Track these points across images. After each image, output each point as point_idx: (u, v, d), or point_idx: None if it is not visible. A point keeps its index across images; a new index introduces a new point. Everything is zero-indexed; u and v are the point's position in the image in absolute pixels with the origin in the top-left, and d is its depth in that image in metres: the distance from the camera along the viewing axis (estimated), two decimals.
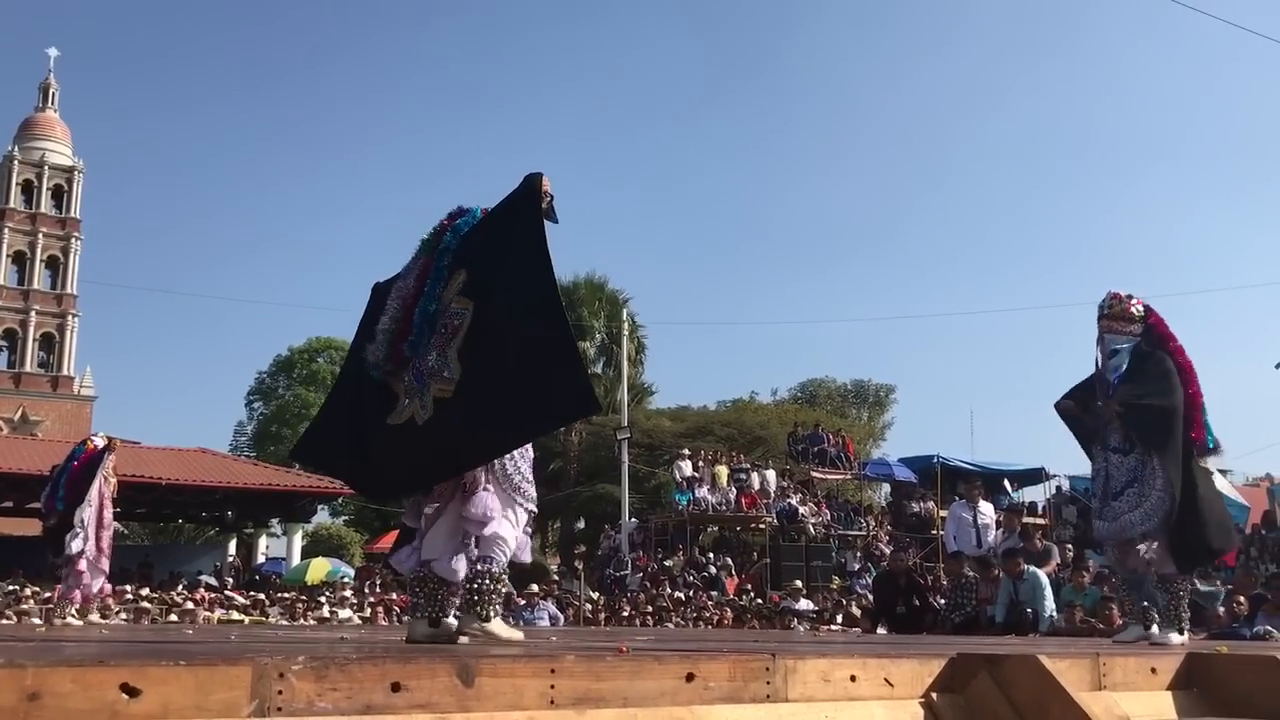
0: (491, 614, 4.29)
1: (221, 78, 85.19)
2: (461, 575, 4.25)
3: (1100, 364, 6.17)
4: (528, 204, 4.25)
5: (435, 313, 4.28)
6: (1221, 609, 10.67)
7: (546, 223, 4.22)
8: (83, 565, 10.09)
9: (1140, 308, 6.19)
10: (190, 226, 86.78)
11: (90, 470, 10.15)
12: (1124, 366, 6.05)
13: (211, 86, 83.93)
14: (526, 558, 4.59)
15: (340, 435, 4.73)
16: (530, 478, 4.42)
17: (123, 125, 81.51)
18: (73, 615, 10.31)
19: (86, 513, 10.03)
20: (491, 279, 4.24)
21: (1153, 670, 3.81)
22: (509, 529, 4.32)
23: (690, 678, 2.90)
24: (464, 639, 4.21)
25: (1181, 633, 5.92)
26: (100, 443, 10.53)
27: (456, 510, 4.32)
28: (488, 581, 4.29)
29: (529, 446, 4.42)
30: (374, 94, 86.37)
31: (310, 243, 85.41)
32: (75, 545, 9.93)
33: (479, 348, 4.16)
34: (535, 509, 4.46)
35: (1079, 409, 6.37)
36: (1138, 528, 5.86)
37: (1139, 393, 5.95)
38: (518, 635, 4.51)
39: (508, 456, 4.30)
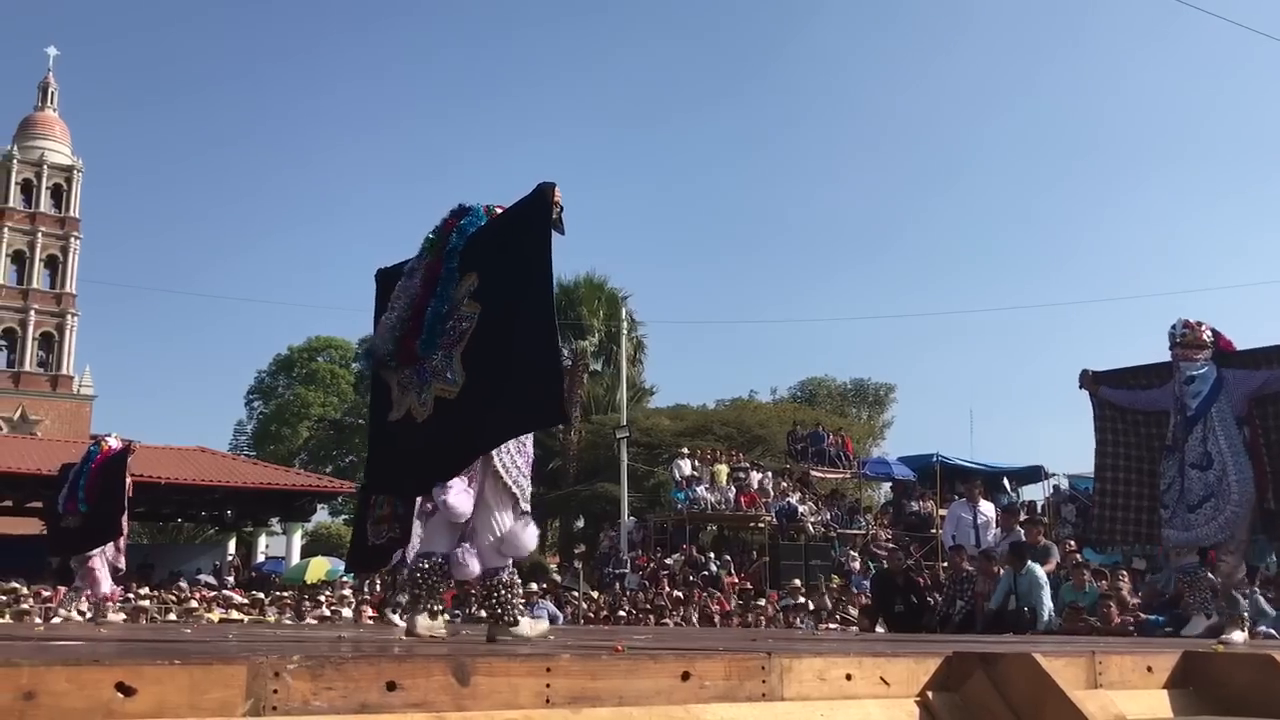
0: (516, 617, 4.34)
1: (216, 74, 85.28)
2: (478, 571, 4.27)
3: (1178, 390, 6.54)
4: (538, 215, 4.26)
5: (446, 314, 4.33)
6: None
7: (554, 233, 4.25)
8: (97, 564, 10.14)
9: (1209, 333, 6.60)
10: (188, 225, 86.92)
11: (113, 472, 10.20)
12: (1204, 393, 6.42)
13: (207, 83, 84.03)
14: (531, 544, 4.61)
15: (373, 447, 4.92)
16: (526, 474, 4.43)
17: (119, 123, 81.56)
18: (78, 612, 10.33)
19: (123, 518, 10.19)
20: (499, 287, 4.30)
21: (1149, 669, 3.81)
22: (507, 527, 4.35)
23: (686, 676, 2.90)
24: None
25: (1243, 629, 6.31)
26: (115, 444, 10.59)
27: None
28: (506, 590, 4.32)
29: (528, 446, 4.43)
30: (373, 89, 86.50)
31: (309, 241, 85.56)
32: (110, 549, 10.06)
33: (481, 355, 4.24)
34: (528, 506, 4.48)
35: (1122, 402, 7.03)
36: (1212, 538, 6.31)
37: None
38: (542, 627, 4.56)
39: (506, 456, 4.32)
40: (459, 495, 4.24)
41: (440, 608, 4.45)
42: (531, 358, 4.16)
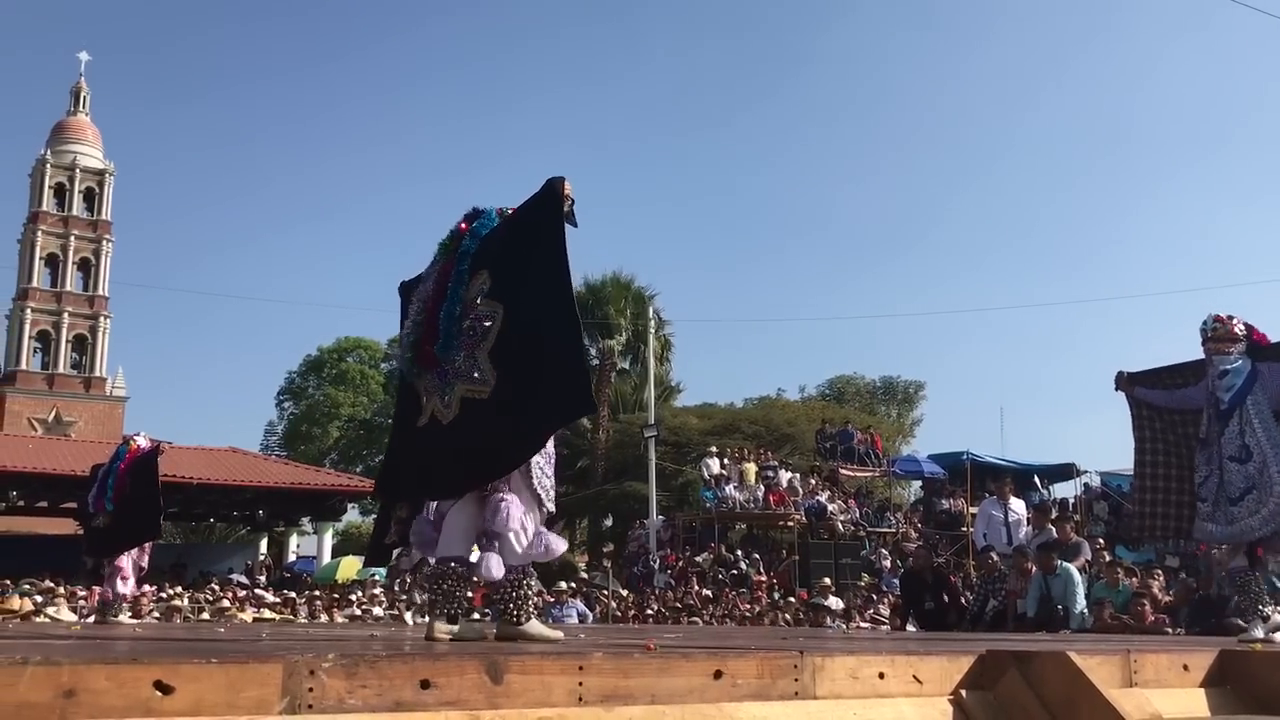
0: (525, 617, 4.31)
1: (250, 74, 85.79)
2: (499, 574, 4.28)
3: (1211, 384, 6.50)
4: (550, 209, 4.29)
5: (459, 314, 4.33)
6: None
7: (567, 226, 4.27)
8: (125, 564, 10.23)
9: (1243, 327, 6.55)
10: (218, 226, 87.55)
11: (142, 472, 10.25)
12: (1237, 386, 6.36)
13: (240, 83, 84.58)
14: (560, 548, 4.60)
15: (395, 453, 4.93)
16: (550, 475, 4.43)
17: (151, 124, 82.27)
18: (124, 614, 10.44)
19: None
20: (516, 283, 4.31)
21: (1185, 667, 3.78)
22: (532, 530, 4.34)
23: (718, 675, 2.91)
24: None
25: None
26: (144, 443, 10.63)
27: (471, 509, 4.36)
28: (519, 589, 4.30)
29: (549, 447, 4.44)
30: (406, 89, 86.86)
31: (338, 242, 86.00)
32: (134, 549, 10.14)
33: (509, 353, 4.22)
34: (553, 507, 4.47)
35: (1159, 402, 6.97)
36: (1256, 532, 6.22)
37: None
38: (557, 634, 4.52)
39: (536, 457, 4.32)
40: (506, 502, 4.23)
41: (459, 610, 4.40)
42: (557, 352, 4.16)
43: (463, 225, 4.56)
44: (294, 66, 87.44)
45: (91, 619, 12.33)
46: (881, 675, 3.15)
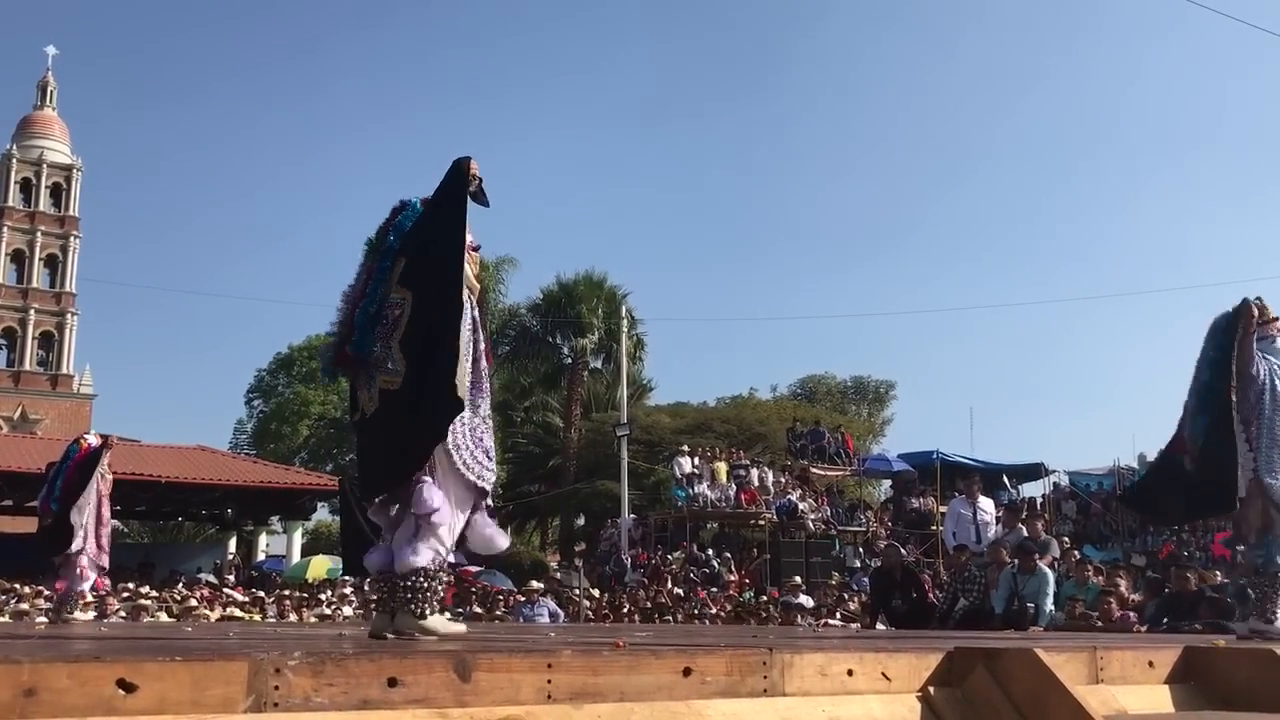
0: (428, 611, 4.21)
1: (215, 73, 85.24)
2: (421, 562, 4.19)
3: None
4: (452, 190, 4.29)
5: (376, 313, 4.29)
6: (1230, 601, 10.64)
7: (477, 205, 4.28)
8: (83, 562, 10.10)
9: None
10: (188, 223, 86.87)
11: (86, 470, 10.12)
12: None
13: (207, 82, 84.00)
14: (501, 544, 4.54)
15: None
16: (483, 460, 4.33)
17: (119, 122, 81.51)
18: (80, 611, 10.31)
19: (86, 514, 10.04)
20: (422, 268, 4.29)
21: (1150, 664, 3.81)
22: (451, 521, 4.26)
23: (687, 672, 2.90)
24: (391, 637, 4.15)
25: None
26: (94, 441, 10.51)
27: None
28: (422, 579, 4.19)
29: (486, 439, 4.37)
30: (373, 88, 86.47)
31: (309, 239, 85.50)
32: (75, 544, 9.95)
33: (415, 340, 4.19)
34: (488, 487, 4.37)
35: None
36: None
37: None
38: (459, 628, 4.44)
39: (466, 453, 4.26)
40: (430, 490, 4.16)
41: (420, 608, 4.32)
42: (441, 339, 4.10)
43: (388, 221, 4.49)
44: (262, 63, 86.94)
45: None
46: (850, 672, 3.16)
